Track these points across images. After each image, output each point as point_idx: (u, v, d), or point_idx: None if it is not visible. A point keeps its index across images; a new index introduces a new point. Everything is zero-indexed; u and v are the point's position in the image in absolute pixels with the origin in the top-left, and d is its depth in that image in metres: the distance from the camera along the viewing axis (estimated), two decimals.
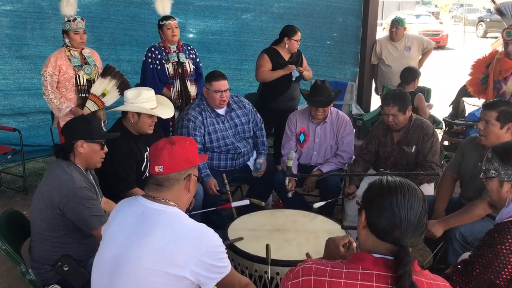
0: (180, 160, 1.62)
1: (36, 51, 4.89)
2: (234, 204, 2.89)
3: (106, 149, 2.35)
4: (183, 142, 1.66)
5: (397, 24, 5.45)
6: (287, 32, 4.27)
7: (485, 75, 4.16)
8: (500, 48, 4.31)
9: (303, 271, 1.29)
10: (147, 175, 2.96)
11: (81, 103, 3.76)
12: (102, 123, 2.35)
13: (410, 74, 4.58)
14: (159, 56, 3.93)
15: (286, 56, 4.33)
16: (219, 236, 1.61)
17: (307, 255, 2.10)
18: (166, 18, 3.95)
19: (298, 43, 4.29)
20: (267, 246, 2.15)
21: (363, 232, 1.30)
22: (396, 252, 1.20)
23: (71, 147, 2.22)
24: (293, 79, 4.28)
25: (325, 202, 2.94)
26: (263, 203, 3.14)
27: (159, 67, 3.92)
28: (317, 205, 2.90)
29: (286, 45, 4.26)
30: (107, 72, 3.81)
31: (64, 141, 2.28)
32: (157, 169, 1.61)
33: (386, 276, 1.20)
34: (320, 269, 1.26)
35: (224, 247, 1.61)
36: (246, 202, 2.89)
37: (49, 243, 2.19)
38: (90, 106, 3.74)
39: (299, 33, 4.27)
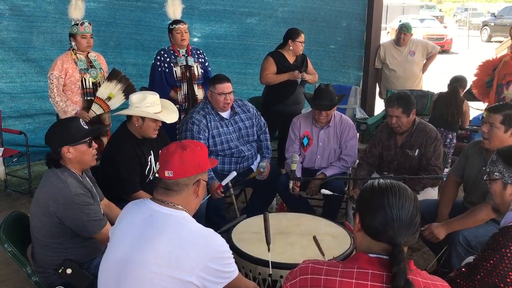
0: (190, 165, 1.62)
1: (43, 55, 4.94)
2: (224, 182, 2.98)
3: (95, 144, 2.30)
4: (194, 147, 1.65)
5: (405, 31, 5.46)
6: (291, 34, 4.30)
7: (491, 77, 4.00)
8: (507, 51, 4.17)
9: (300, 271, 1.33)
10: (151, 178, 2.98)
11: (87, 106, 3.79)
12: (81, 121, 2.28)
13: (464, 81, 4.50)
14: (167, 59, 3.96)
15: (291, 59, 4.36)
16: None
17: (314, 238, 2.11)
18: (176, 22, 3.99)
19: (303, 44, 4.32)
20: (265, 215, 2.21)
21: (358, 235, 1.33)
22: (390, 251, 1.24)
23: (58, 155, 2.19)
24: (298, 82, 4.31)
25: (332, 193, 2.98)
26: (262, 169, 3.29)
27: (167, 70, 3.95)
28: (324, 191, 2.95)
29: (291, 47, 4.28)
30: (113, 76, 3.84)
31: (51, 150, 2.24)
32: (167, 173, 1.60)
33: (381, 275, 1.23)
34: (316, 267, 1.30)
35: (231, 252, 1.61)
36: (233, 174, 3.02)
37: (50, 249, 2.18)
38: (96, 110, 3.77)
39: (302, 35, 4.30)
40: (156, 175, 2.79)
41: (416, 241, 1.34)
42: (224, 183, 2.96)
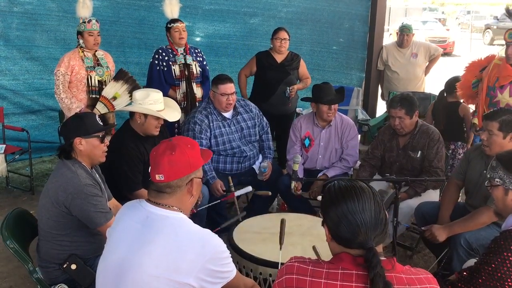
0: (180, 166, 1.58)
1: (46, 53, 4.95)
2: (238, 192, 2.88)
3: (107, 141, 2.34)
4: (184, 146, 1.60)
5: (407, 32, 5.46)
6: (272, 32, 4.38)
7: (477, 79, 3.81)
8: (501, 53, 4.00)
9: (286, 269, 1.32)
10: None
11: (92, 104, 3.80)
12: (97, 117, 2.33)
13: (451, 87, 4.26)
14: (166, 58, 3.96)
15: (279, 58, 4.38)
16: (223, 240, 1.60)
17: (314, 248, 2.10)
18: (174, 21, 3.99)
19: (283, 42, 4.31)
20: (282, 220, 2.16)
21: (331, 244, 1.32)
22: (364, 255, 1.22)
23: (70, 146, 2.23)
24: (286, 94, 4.33)
25: None
26: (270, 193, 3.17)
27: (165, 69, 3.95)
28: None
29: (271, 45, 4.38)
30: (120, 76, 3.85)
31: (64, 142, 2.30)
32: (158, 177, 1.57)
33: (365, 275, 1.22)
34: (302, 267, 1.29)
35: (229, 252, 1.59)
36: (249, 188, 2.86)
37: (56, 242, 2.20)
38: (100, 108, 3.77)
39: (282, 32, 4.32)
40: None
41: (388, 237, 1.33)
42: (237, 194, 2.90)
